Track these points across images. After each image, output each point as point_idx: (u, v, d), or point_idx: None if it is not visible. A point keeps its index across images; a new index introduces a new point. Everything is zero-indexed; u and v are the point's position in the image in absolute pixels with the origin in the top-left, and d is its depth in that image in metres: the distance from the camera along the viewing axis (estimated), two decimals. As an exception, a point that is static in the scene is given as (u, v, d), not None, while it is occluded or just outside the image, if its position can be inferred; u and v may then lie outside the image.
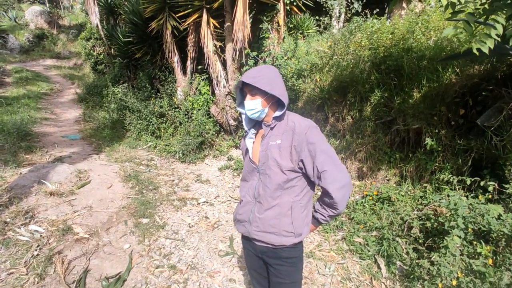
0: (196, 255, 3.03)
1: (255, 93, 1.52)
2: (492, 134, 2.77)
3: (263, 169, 1.54)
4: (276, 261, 1.59)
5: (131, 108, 7.29)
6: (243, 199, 1.66)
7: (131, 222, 3.54)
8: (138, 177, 4.78)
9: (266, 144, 1.54)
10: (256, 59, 5.48)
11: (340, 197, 1.44)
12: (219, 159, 5.76)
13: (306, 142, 1.46)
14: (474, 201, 2.54)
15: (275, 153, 1.50)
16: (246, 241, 1.70)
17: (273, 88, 1.49)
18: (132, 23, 7.97)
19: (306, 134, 1.46)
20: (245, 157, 1.70)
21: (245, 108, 1.54)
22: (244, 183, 1.68)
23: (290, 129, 1.50)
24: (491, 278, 2.18)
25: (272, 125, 1.55)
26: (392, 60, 4.01)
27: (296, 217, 1.53)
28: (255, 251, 1.67)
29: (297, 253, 1.61)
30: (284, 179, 1.51)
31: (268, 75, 1.51)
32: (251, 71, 1.52)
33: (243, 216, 1.64)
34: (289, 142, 1.49)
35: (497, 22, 2.08)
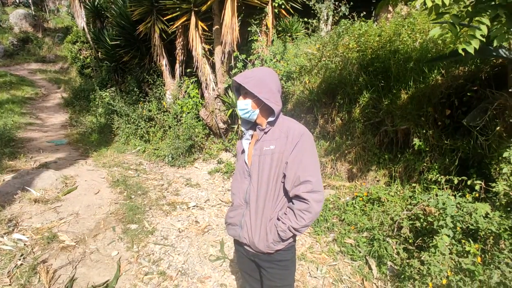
0: (186, 260, 2.98)
1: (247, 93, 1.51)
2: (478, 133, 2.81)
3: (255, 173, 1.52)
4: (269, 264, 1.57)
5: (119, 112, 7.18)
6: (234, 202, 1.63)
7: (119, 228, 3.46)
8: (127, 182, 4.69)
9: (260, 148, 1.51)
10: (245, 62, 5.47)
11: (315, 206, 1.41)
12: (209, 162, 5.71)
13: (296, 148, 1.44)
14: (462, 200, 2.57)
15: (268, 160, 1.48)
16: (238, 245, 1.68)
17: (260, 91, 1.45)
18: (120, 26, 7.87)
19: (299, 141, 1.45)
20: (239, 158, 1.68)
21: (237, 108, 1.55)
22: (235, 185, 1.65)
23: (284, 135, 1.48)
24: (481, 276, 2.20)
25: (266, 129, 1.53)
26: (380, 62, 4.06)
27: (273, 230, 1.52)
28: (247, 254, 1.64)
29: (289, 255, 1.59)
30: (274, 188, 1.49)
31: (260, 77, 1.47)
32: (247, 71, 1.52)
33: (234, 220, 1.62)
34: (282, 148, 1.46)
35: (482, 23, 2.12)
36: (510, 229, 2.27)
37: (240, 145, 1.67)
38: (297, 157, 1.43)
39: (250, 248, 1.57)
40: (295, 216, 1.44)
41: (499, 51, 2.66)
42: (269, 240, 1.50)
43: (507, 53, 2.67)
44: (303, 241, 3.26)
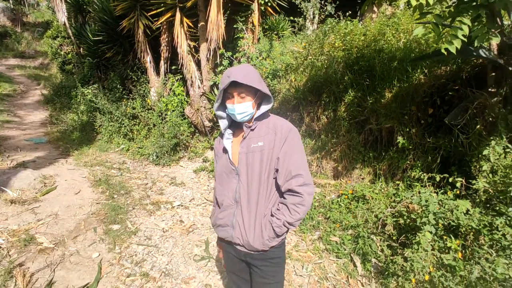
0: (170, 261, 2.92)
1: (246, 94, 1.44)
2: (459, 132, 2.87)
3: (243, 172, 1.48)
4: (261, 262, 1.56)
5: (101, 109, 7.00)
6: (223, 203, 1.58)
7: (101, 229, 3.36)
8: (109, 181, 4.57)
9: (247, 146, 1.48)
10: (231, 59, 5.42)
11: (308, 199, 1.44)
12: (194, 161, 5.64)
13: (286, 144, 1.44)
14: (444, 197, 2.61)
15: (257, 157, 1.46)
16: (228, 245, 1.63)
17: (263, 87, 1.45)
18: (102, 22, 7.66)
19: (288, 137, 1.45)
20: (219, 158, 1.62)
21: (235, 111, 1.44)
22: (221, 186, 1.59)
23: (272, 131, 1.47)
24: (461, 272, 2.24)
25: (253, 126, 1.49)
26: (365, 61, 4.09)
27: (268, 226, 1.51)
28: (238, 255, 1.60)
29: (281, 253, 1.60)
30: (266, 185, 1.48)
31: (256, 73, 1.45)
32: (239, 70, 1.42)
33: (225, 221, 1.57)
34: (271, 144, 1.45)
35: (463, 23, 2.15)
36: (490, 225, 2.32)
37: (219, 145, 1.62)
38: (287, 152, 1.44)
39: (244, 247, 1.54)
40: (289, 210, 1.45)
41: (480, 52, 2.72)
42: (265, 237, 1.49)
43: (487, 53, 2.73)
44: (289, 239, 3.26)
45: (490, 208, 2.45)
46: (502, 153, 2.47)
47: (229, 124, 1.58)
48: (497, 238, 2.23)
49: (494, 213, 2.38)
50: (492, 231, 2.30)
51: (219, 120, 1.58)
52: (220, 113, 1.56)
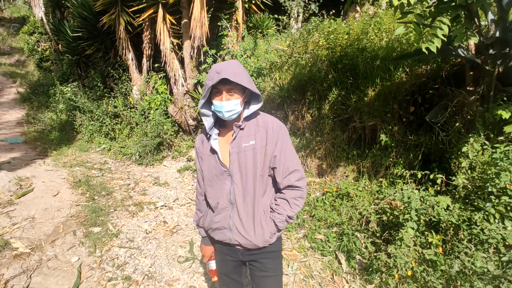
0: (154, 263, 2.85)
1: (234, 92, 1.39)
2: (439, 129, 2.93)
3: (236, 172, 1.45)
4: (261, 255, 1.56)
5: (82, 108, 6.78)
6: (217, 206, 1.53)
7: (81, 232, 3.25)
8: (90, 182, 4.43)
9: (238, 145, 1.44)
10: (215, 57, 5.36)
11: (305, 192, 1.52)
12: (178, 160, 5.55)
13: (279, 141, 1.45)
14: (425, 193, 2.66)
15: (250, 156, 1.43)
16: (224, 246, 1.59)
17: (253, 86, 1.42)
18: (81, 17, 7.41)
19: (279, 133, 1.46)
20: (206, 159, 1.54)
21: (223, 109, 1.38)
22: (212, 189, 1.54)
23: (263, 129, 1.45)
24: (442, 266, 2.29)
25: (242, 125, 1.45)
26: (348, 60, 4.12)
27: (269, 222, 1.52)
28: (234, 255, 1.58)
29: (279, 246, 1.62)
30: (261, 182, 1.47)
31: (245, 71, 1.43)
32: (229, 67, 1.37)
33: (221, 223, 1.52)
34: (263, 142, 1.43)
35: (443, 23, 2.19)
36: (469, 220, 2.38)
37: (204, 146, 1.55)
38: (282, 149, 1.46)
39: (243, 247, 1.52)
40: (290, 204, 1.48)
41: (458, 51, 2.78)
42: (267, 234, 1.49)
43: (465, 52, 2.80)
44: (275, 238, 3.25)
45: (469, 204, 2.51)
46: (480, 150, 2.53)
47: (214, 122, 1.52)
48: (476, 232, 2.29)
49: (472, 208, 2.45)
50: (471, 226, 2.36)
51: (203, 118, 1.51)
52: (205, 111, 1.49)
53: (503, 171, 2.24)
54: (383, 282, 2.49)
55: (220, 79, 1.34)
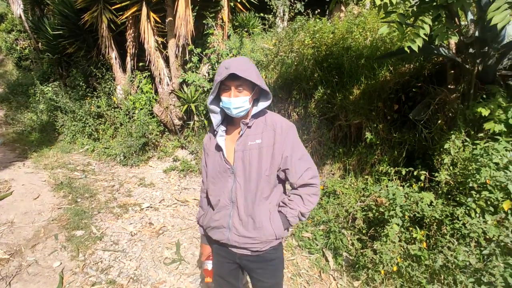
0: (139, 266, 2.79)
1: (243, 88, 1.36)
2: (422, 127, 2.99)
3: (240, 171, 1.42)
4: (259, 264, 1.51)
5: (63, 108, 6.58)
6: (218, 204, 1.49)
7: (63, 236, 3.15)
8: (72, 184, 4.31)
9: (244, 143, 1.41)
10: (200, 56, 5.31)
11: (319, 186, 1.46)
12: (164, 160, 5.47)
13: (289, 141, 1.41)
14: (409, 190, 2.71)
15: (255, 154, 1.39)
16: (221, 247, 1.56)
17: (262, 83, 1.38)
18: (62, 15, 7.17)
19: (288, 133, 1.42)
20: (211, 156, 1.53)
21: (232, 106, 1.36)
22: (214, 186, 1.51)
23: (271, 128, 1.41)
24: (426, 261, 2.34)
25: (250, 123, 1.42)
26: (333, 58, 4.16)
27: (276, 220, 1.46)
28: (231, 257, 1.53)
29: (279, 253, 1.56)
30: (265, 182, 1.42)
31: (255, 68, 1.39)
32: (238, 63, 1.34)
33: (221, 222, 1.48)
34: (271, 142, 1.39)
35: (425, 23, 2.23)
36: (451, 215, 2.44)
37: (211, 142, 1.53)
38: (293, 149, 1.42)
39: (244, 249, 1.47)
40: (303, 201, 1.43)
41: (440, 50, 2.84)
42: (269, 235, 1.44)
43: (446, 51, 2.86)
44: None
45: (451, 199, 2.57)
46: (461, 146, 2.59)
47: (222, 119, 1.50)
48: (458, 227, 2.34)
49: (454, 203, 2.51)
50: (453, 220, 2.41)
51: (211, 114, 1.49)
52: (213, 107, 1.47)
53: (483, 166, 2.29)
54: (369, 278, 2.52)
55: (229, 75, 1.31)
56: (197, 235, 3.28)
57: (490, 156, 2.28)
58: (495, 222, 2.23)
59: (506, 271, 2.03)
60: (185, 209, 3.85)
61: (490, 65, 2.70)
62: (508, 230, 2.12)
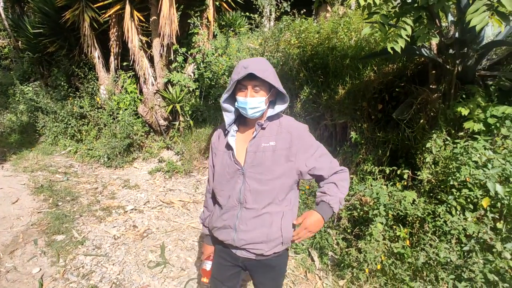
0: (122, 270, 2.73)
1: (260, 89, 1.35)
2: (405, 126, 3.03)
3: (251, 172, 1.39)
4: (261, 269, 1.49)
5: (44, 109, 6.40)
6: (226, 204, 1.47)
7: (42, 241, 3.05)
8: (53, 187, 4.18)
9: (257, 145, 1.39)
10: (185, 55, 5.25)
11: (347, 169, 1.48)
12: (150, 161, 5.38)
13: (308, 143, 1.42)
14: (393, 188, 2.74)
15: (268, 156, 1.37)
16: (224, 248, 1.53)
17: (279, 85, 1.37)
18: (42, 13, 6.96)
19: (305, 136, 1.42)
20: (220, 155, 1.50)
21: (247, 106, 1.34)
22: (222, 186, 1.49)
23: (286, 130, 1.40)
24: (409, 259, 2.37)
25: (264, 125, 1.41)
26: (319, 58, 4.18)
27: (286, 225, 1.43)
28: (234, 261, 1.51)
29: (282, 260, 1.54)
30: (279, 185, 1.40)
31: (273, 69, 1.39)
32: (257, 63, 1.34)
33: (228, 222, 1.46)
34: (286, 145, 1.38)
35: (407, 24, 2.26)
36: (433, 213, 2.48)
37: (220, 141, 1.52)
38: (314, 148, 1.43)
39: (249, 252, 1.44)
40: (338, 187, 1.41)
41: (422, 51, 2.89)
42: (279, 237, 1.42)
43: (428, 52, 2.91)
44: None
45: (433, 197, 2.61)
46: (442, 145, 2.64)
47: (235, 119, 1.49)
48: (439, 224, 2.38)
49: (436, 201, 2.55)
50: (435, 218, 2.46)
51: (224, 113, 1.46)
52: (227, 106, 1.45)
53: (463, 165, 2.34)
54: (354, 277, 2.54)
55: (247, 75, 1.30)
56: (182, 237, 3.23)
57: (470, 155, 2.33)
58: (475, 219, 2.28)
59: (486, 267, 2.07)
60: (170, 210, 3.79)
61: (470, 65, 2.76)
62: (487, 227, 2.17)
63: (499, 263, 2.02)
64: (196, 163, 4.90)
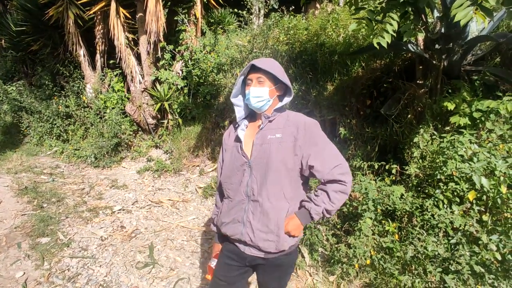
0: (110, 272, 2.67)
1: (264, 81, 1.40)
2: (393, 121, 3.05)
3: (257, 164, 1.38)
4: (269, 268, 1.46)
5: (28, 109, 6.24)
6: (234, 198, 1.45)
7: (26, 244, 2.97)
8: (38, 189, 4.08)
9: (263, 137, 1.39)
10: (173, 52, 5.17)
11: (349, 187, 1.39)
12: (138, 160, 5.30)
13: (313, 137, 1.38)
14: (381, 183, 2.76)
15: (274, 148, 1.36)
16: (232, 247, 1.49)
17: (284, 77, 1.42)
18: (25, 10, 6.77)
19: (313, 130, 1.40)
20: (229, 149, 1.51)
21: (250, 95, 1.39)
22: (230, 179, 1.47)
23: (293, 124, 1.40)
24: (398, 253, 2.38)
25: (271, 117, 1.43)
26: (307, 55, 4.17)
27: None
28: (241, 260, 1.46)
29: (291, 259, 1.50)
30: (286, 178, 1.38)
31: (279, 65, 1.45)
32: (262, 59, 1.42)
33: (236, 217, 1.43)
34: (292, 138, 1.38)
35: (393, 19, 2.26)
36: (421, 207, 2.50)
37: (230, 137, 1.54)
38: (319, 145, 1.38)
39: (256, 249, 1.41)
40: (329, 197, 1.36)
41: (409, 46, 2.90)
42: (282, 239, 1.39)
43: (414, 48, 2.93)
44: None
45: (421, 191, 2.63)
46: (429, 139, 2.66)
47: (246, 115, 1.53)
48: (427, 218, 2.40)
49: (424, 195, 2.57)
50: (423, 212, 2.48)
51: (235, 107, 1.51)
52: (237, 100, 1.51)
53: (449, 159, 2.36)
54: (344, 272, 2.55)
55: (250, 68, 1.40)
56: (171, 237, 3.19)
57: (456, 149, 2.35)
58: (461, 212, 2.31)
59: (472, 259, 2.10)
60: (159, 210, 3.74)
61: (455, 60, 2.79)
62: (473, 220, 2.20)
63: (485, 255, 2.05)
64: (185, 162, 4.84)
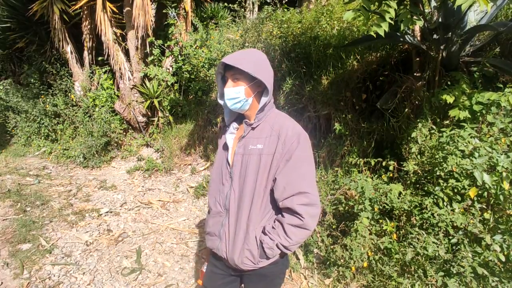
0: (93, 279, 2.53)
1: (238, 78, 1.24)
2: (390, 116, 2.92)
3: (236, 176, 1.25)
4: (255, 277, 1.35)
5: (15, 108, 6.05)
6: (213, 208, 1.35)
7: (6, 251, 2.81)
8: (22, 191, 3.92)
9: (244, 146, 1.26)
10: (162, 47, 5.00)
11: (310, 222, 1.20)
12: (128, 160, 5.14)
13: (291, 150, 1.20)
14: (378, 181, 2.64)
15: (253, 161, 1.22)
16: (215, 255, 1.40)
17: (258, 71, 1.20)
18: (9, 6, 6.54)
19: (294, 143, 1.20)
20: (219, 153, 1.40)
21: (225, 97, 1.25)
22: (214, 187, 1.37)
23: (276, 133, 1.23)
24: (397, 254, 2.27)
25: (254, 124, 1.27)
26: (301, 48, 4.03)
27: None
28: (225, 269, 1.38)
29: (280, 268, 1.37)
30: (261, 197, 1.23)
31: (255, 57, 1.25)
32: (236, 53, 1.26)
33: (213, 229, 1.34)
34: (272, 150, 1.22)
35: (390, 6, 2.13)
36: (420, 206, 2.38)
37: (220, 140, 1.41)
38: (292, 162, 1.20)
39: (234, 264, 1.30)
40: (285, 232, 1.21)
41: (405, 37, 2.77)
42: (249, 257, 1.25)
43: (411, 38, 2.80)
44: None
45: (419, 189, 2.51)
46: (428, 134, 2.54)
47: (236, 117, 1.39)
48: (427, 217, 2.29)
49: (423, 193, 2.45)
50: (422, 210, 2.36)
51: (224, 109, 1.37)
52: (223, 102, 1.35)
53: (449, 154, 2.24)
54: (340, 275, 2.44)
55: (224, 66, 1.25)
56: (160, 240, 3.05)
57: (456, 144, 2.23)
58: (462, 210, 2.19)
59: (475, 260, 1.99)
60: (148, 211, 3.60)
61: (454, 51, 2.66)
62: (475, 219, 2.08)
63: (488, 256, 1.94)
64: (176, 160, 4.70)
